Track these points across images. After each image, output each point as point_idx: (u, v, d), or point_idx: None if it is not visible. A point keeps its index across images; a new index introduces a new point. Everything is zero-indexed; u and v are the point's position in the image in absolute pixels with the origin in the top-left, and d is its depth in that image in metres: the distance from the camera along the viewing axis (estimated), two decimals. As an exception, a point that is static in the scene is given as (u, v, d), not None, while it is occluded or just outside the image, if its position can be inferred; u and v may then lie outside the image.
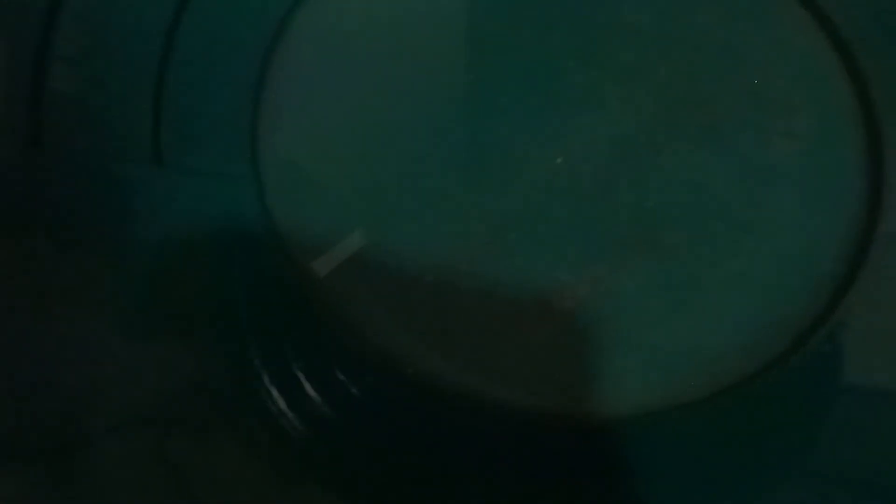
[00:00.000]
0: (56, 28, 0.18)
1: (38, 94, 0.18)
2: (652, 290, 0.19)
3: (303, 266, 0.20)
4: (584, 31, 0.22)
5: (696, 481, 0.19)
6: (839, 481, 0.19)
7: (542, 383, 0.19)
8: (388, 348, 0.19)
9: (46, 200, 0.20)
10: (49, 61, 0.18)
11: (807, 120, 0.21)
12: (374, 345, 0.19)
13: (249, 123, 0.21)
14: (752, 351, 0.18)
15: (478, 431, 0.20)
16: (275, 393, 0.21)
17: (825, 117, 0.21)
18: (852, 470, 0.19)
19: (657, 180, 0.20)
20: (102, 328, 0.21)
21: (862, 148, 0.20)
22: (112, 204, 0.20)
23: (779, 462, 0.20)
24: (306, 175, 0.21)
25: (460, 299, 0.20)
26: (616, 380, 0.18)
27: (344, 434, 0.21)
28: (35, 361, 0.19)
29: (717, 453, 0.19)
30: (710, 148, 0.21)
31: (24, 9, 0.19)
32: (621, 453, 0.19)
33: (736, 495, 0.20)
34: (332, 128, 0.21)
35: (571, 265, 0.20)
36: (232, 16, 0.22)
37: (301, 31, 0.22)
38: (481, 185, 0.21)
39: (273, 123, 0.21)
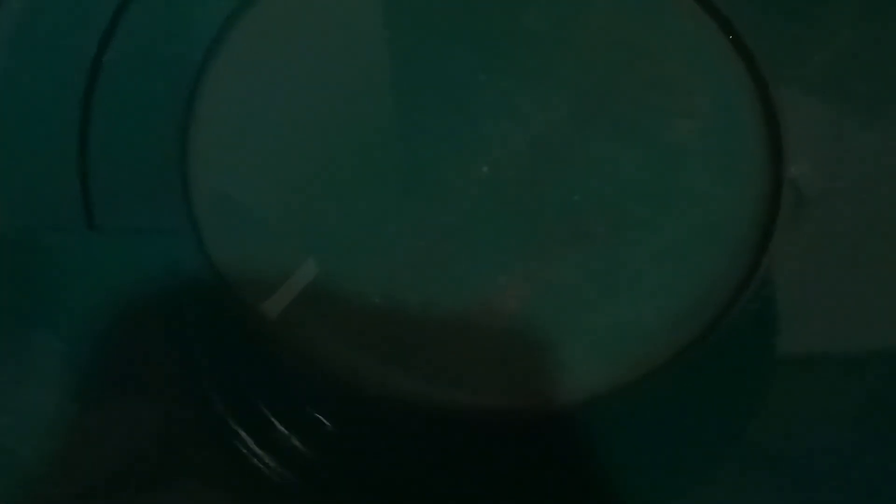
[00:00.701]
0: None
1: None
2: (586, 278, 0.21)
3: (253, 306, 0.20)
4: (489, 43, 0.23)
5: (647, 461, 0.20)
6: (780, 453, 0.20)
7: (497, 382, 0.20)
8: (348, 373, 0.20)
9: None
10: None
11: (704, 99, 0.22)
12: (334, 372, 0.20)
13: (179, 171, 0.21)
14: (684, 323, 0.19)
15: (447, 438, 0.21)
16: (244, 435, 0.21)
17: (720, 94, 0.22)
18: (792, 439, 0.20)
19: (577, 175, 0.22)
20: (55, 399, 0.21)
21: (758, 117, 0.22)
22: (46, 274, 0.20)
23: (721, 437, 0.21)
24: (242, 215, 0.21)
25: (411, 314, 0.20)
26: (565, 369, 0.19)
27: (319, 464, 0.22)
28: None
29: (663, 431, 0.21)
30: (620, 137, 0.22)
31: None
32: (578, 441, 0.20)
33: (685, 471, 0.21)
34: (262, 165, 0.22)
35: (510, 266, 0.21)
36: (149, 67, 0.22)
37: (221, 72, 0.23)
38: (414, 202, 0.22)
39: (203, 167, 0.22)
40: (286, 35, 0.23)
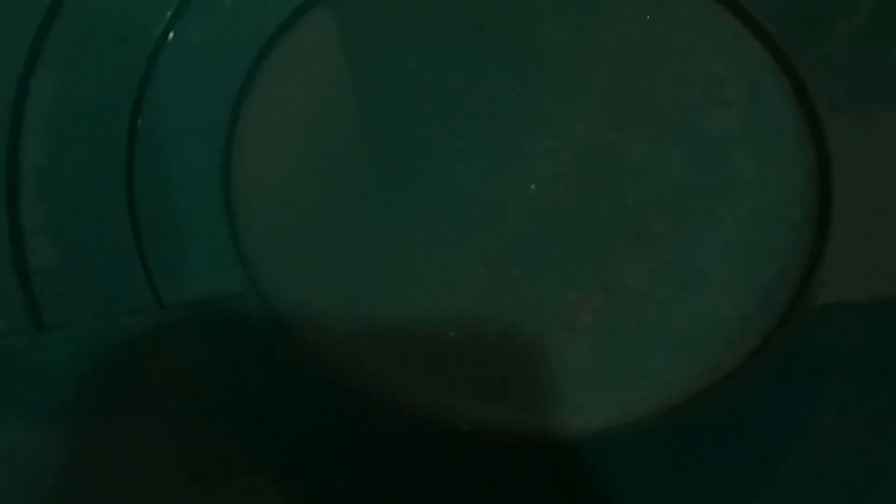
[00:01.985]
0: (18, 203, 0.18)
1: (24, 273, 0.17)
2: (656, 281, 0.21)
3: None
4: (514, 60, 0.23)
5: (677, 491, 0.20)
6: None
7: (591, 399, 0.20)
8: (439, 412, 0.19)
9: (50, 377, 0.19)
10: (23, 238, 0.17)
11: (734, 87, 0.23)
12: (421, 411, 0.19)
13: (227, 226, 0.21)
14: (761, 313, 0.19)
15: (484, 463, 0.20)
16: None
17: (749, 80, 0.23)
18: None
19: (626, 179, 0.22)
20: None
21: (789, 97, 0.22)
22: (119, 358, 0.20)
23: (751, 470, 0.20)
24: (297, 260, 0.21)
25: (489, 345, 0.20)
26: (652, 376, 0.19)
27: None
28: None
29: (737, 437, 0.20)
30: (661, 136, 0.22)
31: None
32: (673, 452, 0.19)
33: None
34: (310, 207, 0.22)
35: (579, 280, 0.21)
36: (182, 128, 0.22)
37: (253, 122, 0.22)
38: (471, 230, 0.21)
39: (250, 218, 0.21)
40: (315, 75, 0.23)
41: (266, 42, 0.24)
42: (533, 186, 0.22)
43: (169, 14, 0.22)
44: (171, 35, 0.22)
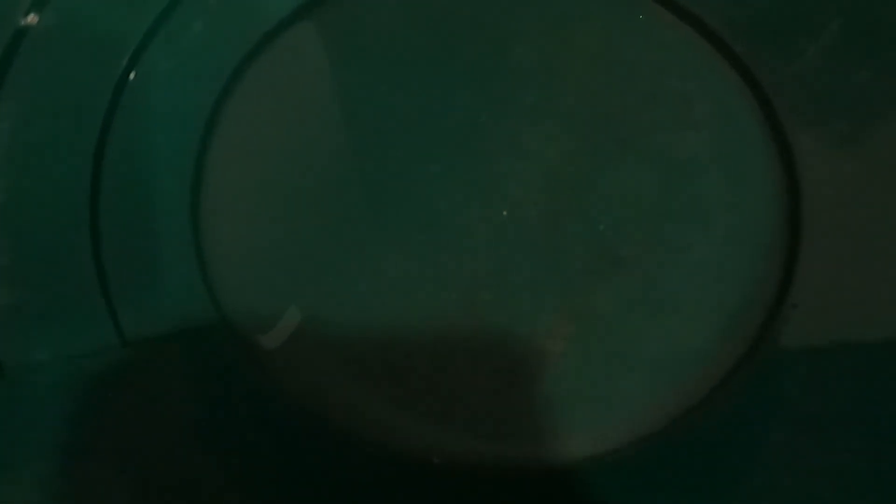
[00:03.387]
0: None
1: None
2: (628, 306, 0.20)
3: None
4: (485, 84, 0.23)
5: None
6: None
7: (556, 427, 0.19)
8: (415, 444, 0.19)
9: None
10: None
11: (704, 108, 0.23)
12: (401, 445, 0.19)
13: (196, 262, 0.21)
14: (733, 335, 0.19)
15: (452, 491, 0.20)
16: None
17: (718, 101, 0.23)
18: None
19: (597, 203, 0.22)
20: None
21: (759, 119, 0.22)
22: (81, 397, 0.19)
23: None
24: (260, 277, 0.21)
25: (461, 372, 0.20)
26: (625, 403, 0.19)
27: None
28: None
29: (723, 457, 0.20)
30: (631, 159, 0.22)
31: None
32: (649, 477, 0.19)
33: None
34: (279, 233, 0.22)
35: (551, 306, 0.20)
36: (149, 161, 0.22)
37: (223, 150, 0.22)
38: (441, 255, 0.21)
39: (218, 249, 0.21)
40: (284, 101, 0.23)
41: (235, 69, 0.23)
42: (504, 212, 0.22)
43: (134, 44, 0.22)
44: (136, 65, 0.22)
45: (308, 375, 0.20)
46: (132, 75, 0.22)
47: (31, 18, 0.20)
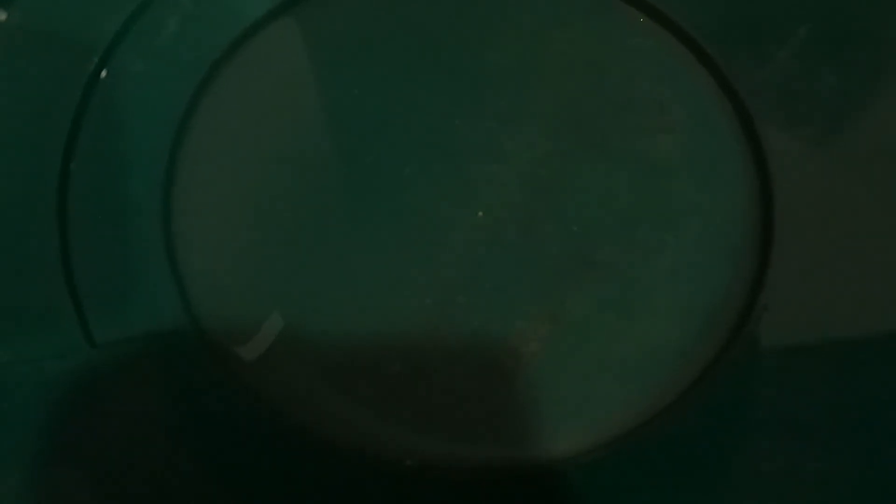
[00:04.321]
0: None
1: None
2: (603, 307, 0.21)
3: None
4: (460, 87, 0.23)
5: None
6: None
7: (527, 429, 0.19)
8: (377, 444, 0.19)
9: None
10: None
11: (678, 112, 0.23)
12: (370, 450, 0.19)
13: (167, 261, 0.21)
14: (707, 336, 0.19)
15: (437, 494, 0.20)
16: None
17: (692, 105, 0.23)
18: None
19: (572, 205, 0.22)
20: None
21: (732, 121, 0.23)
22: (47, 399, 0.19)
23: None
24: (235, 293, 0.21)
25: (435, 375, 0.20)
26: (599, 404, 0.19)
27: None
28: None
29: (699, 456, 0.20)
30: (605, 161, 0.22)
31: None
32: (621, 477, 0.19)
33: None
34: (252, 239, 0.22)
35: (525, 309, 0.20)
36: (119, 163, 0.21)
37: (195, 152, 0.22)
38: (416, 259, 0.21)
39: (189, 251, 0.21)
40: (257, 104, 0.23)
41: (208, 69, 0.23)
42: (480, 213, 0.22)
43: (105, 44, 0.22)
44: (107, 65, 0.22)
45: (280, 377, 0.20)
46: (103, 74, 0.22)
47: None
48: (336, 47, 0.24)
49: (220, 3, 0.24)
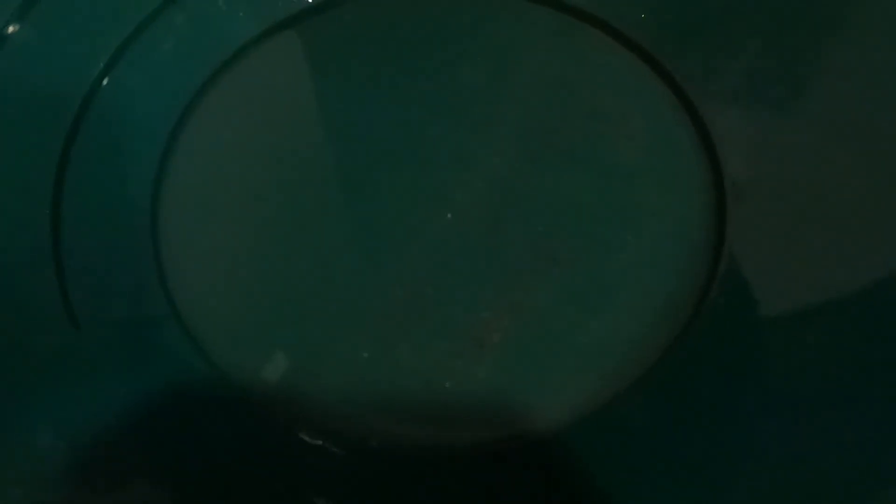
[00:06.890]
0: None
1: None
2: (564, 300, 0.21)
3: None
4: (435, 100, 0.25)
5: (649, 471, 0.20)
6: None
7: (492, 415, 0.20)
8: (350, 428, 0.20)
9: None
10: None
11: (639, 121, 0.24)
12: (337, 431, 0.20)
13: (153, 259, 0.22)
14: (663, 326, 0.20)
15: (446, 481, 0.21)
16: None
17: (652, 115, 0.24)
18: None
19: (537, 207, 0.23)
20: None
21: (689, 130, 0.24)
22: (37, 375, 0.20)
23: (717, 437, 0.21)
24: (219, 293, 0.22)
25: (401, 363, 0.21)
26: (558, 391, 0.20)
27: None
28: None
29: (659, 440, 0.21)
30: (570, 167, 0.24)
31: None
32: (578, 461, 0.20)
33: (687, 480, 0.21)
34: (232, 239, 0.23)
35: (490, 302, 0.21)
36: (114, 164, 0.23)
37: (183, 163, 0.24)
38: (388, 257, 0.22)
39: (175, 251, 0.22)
40: (240, 117, 0.25)
41: (198, 89, 0.25)
42: (449, 215, 0.23)
43: (103, 62, 0.24)
44: (104, 80, 0.24)
45: (250, 366, 0.21)
46: (101, 89, 0.24)
47: (12, 29, 0.22)
48: (320, 66, 0.26)
49: (211, 28, 0.26)
